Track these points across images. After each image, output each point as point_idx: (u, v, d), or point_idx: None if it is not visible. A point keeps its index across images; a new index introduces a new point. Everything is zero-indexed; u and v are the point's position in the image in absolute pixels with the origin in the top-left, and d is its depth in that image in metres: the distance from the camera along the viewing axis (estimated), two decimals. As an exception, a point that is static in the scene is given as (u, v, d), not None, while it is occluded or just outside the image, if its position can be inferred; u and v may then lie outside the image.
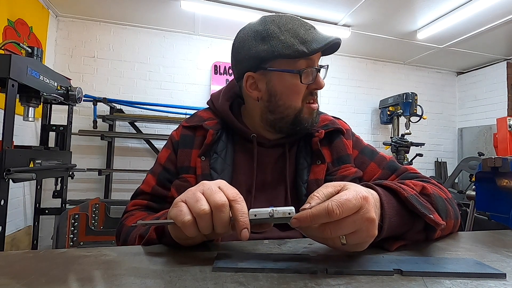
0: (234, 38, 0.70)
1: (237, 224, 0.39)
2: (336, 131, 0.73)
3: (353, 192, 0.40)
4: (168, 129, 3.16)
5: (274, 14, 0.67)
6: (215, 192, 0.41)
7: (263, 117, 0.69)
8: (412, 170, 0.70)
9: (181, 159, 0.70)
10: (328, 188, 0.42)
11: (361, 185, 0.47)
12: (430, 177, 0.67)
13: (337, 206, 0.37)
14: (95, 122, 2.79)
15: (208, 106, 0.79)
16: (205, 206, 0.40)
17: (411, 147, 3.13)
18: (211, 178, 0.65)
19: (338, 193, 0.40)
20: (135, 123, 3.07)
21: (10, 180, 1.47)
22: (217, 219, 0.40)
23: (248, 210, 0.41)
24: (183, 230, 0.41)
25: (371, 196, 0.42)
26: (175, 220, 0.41)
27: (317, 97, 0.68)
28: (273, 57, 0.63)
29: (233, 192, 0.42)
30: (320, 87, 0.66)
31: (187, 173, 0.68)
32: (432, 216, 0.45)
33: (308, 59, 0.64)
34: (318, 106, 0.70)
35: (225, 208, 0.40)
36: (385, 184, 0.48)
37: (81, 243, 1.87)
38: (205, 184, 0.43)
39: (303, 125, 0.67)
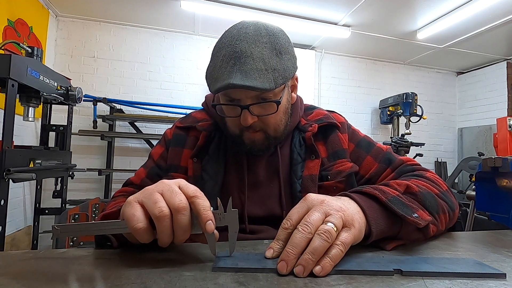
0: None
1: (200, 218, 0.38)
2: (330, 126, 0.73)
3: (296, 210, 0.41)
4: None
5: (239, 26, 0.62)
6: (176, 193, 0.39)
7: None
8: (409, 161, 0.70)
9: (171, 157, 0.71)
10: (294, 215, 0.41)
11: (339, 194, 0.48)
12: None
13: (303, 230, 0.37)
14: (95, 122, 2.79)
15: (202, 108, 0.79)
16: (164, 208, 0.38)
17: (411, 147, 3.13)
18: (202, 180, 0.66)
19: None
20: (135, 123, 3.07)
21: (10, 180, 1.47)
22: (177, 222, 0.38)
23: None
24: (136, 236, 0.38)
25: (329, 199, 0.42)
26: (128, 225, 0.38)
27: (259, 129, 0.64)
28: None
29: (193, 188, 0.40)
30: (243, 124, 0.61)
31: (175, 171, 0.70)
32: (414, 215, 0.45)
33: (225, 95, 0.62)
34: (269, 136, 0.65)
35: (186, 211, 0.38)
36: (364, 190, 0.48)
37: (81, 243, 1.86)
38: (164, 183, 0.41)
39: (245, 147, 0.66)
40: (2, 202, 1.43)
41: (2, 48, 1.64)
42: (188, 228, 0.39)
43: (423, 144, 3.29)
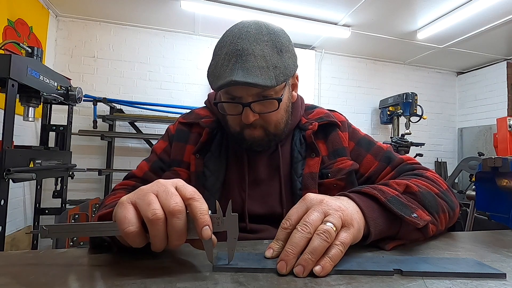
0: None
1: (197, 222, 0.35)
2: (331, 124, 0.73)
3: (296, 210, 0.41)
4: (168, 129, 3.16)
5: (241, 25, 0.63)
6: (171, 195, 0.36)
7: None
8: (409, 160, 0.70)
9: (174, 152, 0.72)
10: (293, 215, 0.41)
11: (338, 194, 0.48)
12: None
13: (302, 229, 0.37)
14: (95, 122, 2.79)
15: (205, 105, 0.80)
16: (158, 210, 0.35)
17: (411, 147, 3.13)
18: (204, 176, 0.67)
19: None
20: (135, 123, 3.07)
21: (10, 180, 1.47)
22: (172, 226, 0.35)
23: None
24: (127, 240, 0.36)
25: (328, 198, 0.42)
26: (119, 227, 0.36)
27: (260, 126, 0.64)
28: None
29: (191, 190, 0.37)
30: (244, 121, 0.61)
31: (178, 166, 0.70)
32: (413, 215, 0.45)
33: (227, 93, 0.62)
34: (269, 133, 0.65)
35: (181, 214, 0.35)
36: (363, 190, 0.48)
37: (81, 243, 1.86)
38: (160, 184, 0.38)
39: (246, 144, 0.66)
40: (2, 202, 1.43)
41: (2, 48, 1.64)
42: (183, 233, 0.36)
43: (423, 144, 3.29)
